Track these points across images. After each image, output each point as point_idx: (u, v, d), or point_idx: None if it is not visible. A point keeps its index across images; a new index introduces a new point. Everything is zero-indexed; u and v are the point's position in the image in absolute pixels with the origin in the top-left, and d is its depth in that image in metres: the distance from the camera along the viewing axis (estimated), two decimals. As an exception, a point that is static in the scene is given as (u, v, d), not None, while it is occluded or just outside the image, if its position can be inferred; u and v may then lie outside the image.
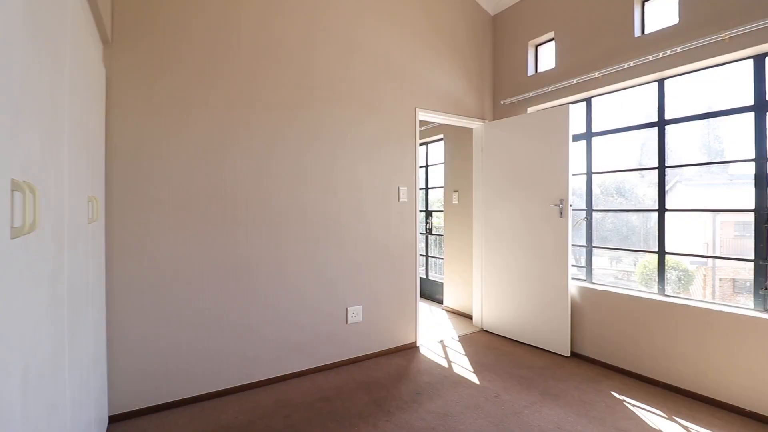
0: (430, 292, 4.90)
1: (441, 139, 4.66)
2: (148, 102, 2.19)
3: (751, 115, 2.29)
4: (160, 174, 2.22)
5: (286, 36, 2.65)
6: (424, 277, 5.04)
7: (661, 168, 2.68)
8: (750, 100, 2.30)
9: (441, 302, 4.62)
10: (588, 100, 3.14)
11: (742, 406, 2.20)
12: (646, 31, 2.74)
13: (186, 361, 2.28)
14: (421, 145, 5.06)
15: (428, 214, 5.07)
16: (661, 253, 2.66)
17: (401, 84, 3.18)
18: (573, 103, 3.18)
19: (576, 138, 3.16)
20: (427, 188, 5.10)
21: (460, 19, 3.59)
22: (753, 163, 2.28)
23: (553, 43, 3.33)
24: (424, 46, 3.33)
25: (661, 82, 2.68)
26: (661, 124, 2.68)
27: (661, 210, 2.67)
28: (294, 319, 2.66)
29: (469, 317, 4.02)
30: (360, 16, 2.97)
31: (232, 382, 2.43)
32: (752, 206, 2.28)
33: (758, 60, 2.27)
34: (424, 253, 5.14)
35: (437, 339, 3.42)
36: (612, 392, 2.44)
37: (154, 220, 2.20)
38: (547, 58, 3.48)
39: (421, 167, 5.11)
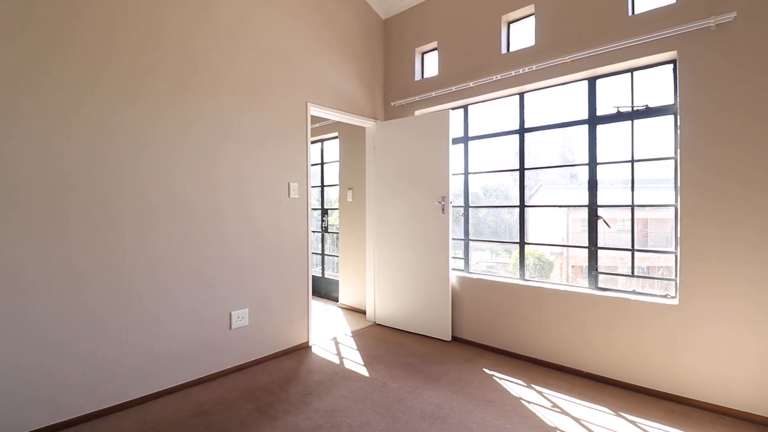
0: (326, 290, 4.86)
1: (336, 137, 4.66)
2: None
3: (586, 127, 2.77)
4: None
5: (169, 15, 2.36)
6: (320, 275, 4.99)
7: (522, 170, 3.08)
8: (585, 115, 2.78)
9: (337, 300, 4.62)
10: (465, 107, 3.45)
11: (581, 369, 2.64)
12: (510, 50, 3.11)
13: (19, 388, 1.86)
14: (316, 142, 5.00)
15: (324, 212, 5.03)
16: (522, 243, 3.06)
17: (292, 77, 3.09)
18: (453, 109, 3.47)
19: (456, 141, 3.44)
20: (322, 186, 5.05)
21: (354, 19, 3.63)
22: (587, 168, 2.76)
23: (436, 52, 3.58)
24: (317, 41, 3.28)
25: (521, 95, 3.08)
26: (522, 131, 3.08)
27: (522, 206, 3.08)
28: (167, 328, 2.37)
29: (364, 313, 4.09)
30: (250, 2, 2.79)
31: (85, 408, 2.06)
32: (586, 203, 2.76)
33: (591, 81, 2.75)
34: (320, 252, 5.08)
35: (330, 337, 3.41)
36: (484, 369, 2.72)
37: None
38: (431, 65, 3.73)
39: (316, 164, 5.05)
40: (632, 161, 2.57)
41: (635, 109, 2.56)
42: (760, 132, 2.04)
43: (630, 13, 2.49)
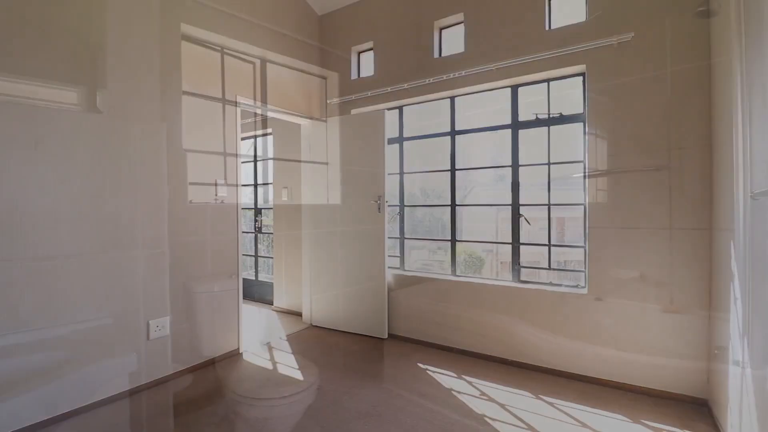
0: (260, 293, 4.67)
1: (270, 134, 4.49)
2: None
3: (509, 131, 2.95)
4: None
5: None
6: (253, 278, 4.77)
7: (453, 170, 3.21)
8: (509, 120, 2.96)
9: (272, 303, 4.45)
10: (400, 108, 3.51)
11: (505, 357, 2.81)
12: (442, 54, 3.22)
13: None
14: (248, 138, 4.77)
15: (258, 212, 4.82)
16: (453, 241, 3.19)
17: (221, 68, 2.90)
18: (389, 109, 3.51)
19: (391, 141, 3.49)
20: (256, 185, 4.83)
21: (288, 12, 3.51)
22: (510, 169, 2.95)
23: (372, 52, 3.59)
24: (249, 31, 3.12)
25: (452, 99, 3.21)
26: (453, 134, 3.21)
27: (453, 205, 3.21)
28: (74, 342, 2.09)
29: (300, 315, 3.98)
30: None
31: (-42, 444, 1.75)
32: (510, 202, 2.95)
33: (514, 89, 2.94)
34: (253, 254, 4.86)
35: (264, 342, 3.27)
36: (419, 364, 2.79)
37: None
38: (368, 64, 3.74)
39: (248, 162, 4.82)
40: (548, 164, 2.79)
41: (551, 116, 2.79)
42: (651, 132, 2.33)
43: (547, 28, 2.70)
